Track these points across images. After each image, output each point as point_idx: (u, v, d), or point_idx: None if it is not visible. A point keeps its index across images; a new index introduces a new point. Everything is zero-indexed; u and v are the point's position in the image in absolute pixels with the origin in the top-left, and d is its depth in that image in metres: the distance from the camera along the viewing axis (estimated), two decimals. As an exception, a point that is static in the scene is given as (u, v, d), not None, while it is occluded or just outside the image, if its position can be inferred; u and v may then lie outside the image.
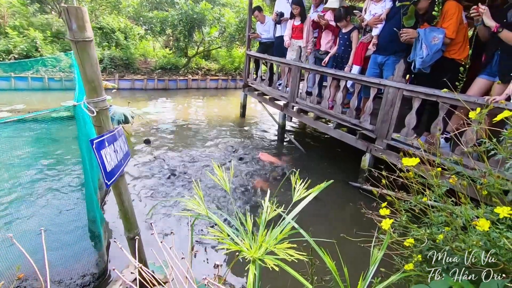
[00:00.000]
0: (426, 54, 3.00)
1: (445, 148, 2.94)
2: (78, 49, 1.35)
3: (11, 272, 1.66)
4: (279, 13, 5.44)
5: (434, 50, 2.98)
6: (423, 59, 3.04)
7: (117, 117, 4.79)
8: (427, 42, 2.99)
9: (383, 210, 1.25)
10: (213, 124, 6.67)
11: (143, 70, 10.57)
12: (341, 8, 4.24)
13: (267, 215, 0.83)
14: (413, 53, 3.21)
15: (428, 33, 3.01)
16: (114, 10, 11.61)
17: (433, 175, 1.24)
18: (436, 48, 2.97)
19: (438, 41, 2.95)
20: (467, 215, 1.15)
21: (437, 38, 2.96)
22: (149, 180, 3.88)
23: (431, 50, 2.98)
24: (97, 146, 1.37)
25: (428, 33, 3.00)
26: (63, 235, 2.21)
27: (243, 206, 3.45)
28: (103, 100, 1.50)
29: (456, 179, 1.27)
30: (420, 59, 3.07)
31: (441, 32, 2.96)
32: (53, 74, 8.69)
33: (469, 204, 1.20)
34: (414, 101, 3.16)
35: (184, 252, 2.44)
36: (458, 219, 1.20)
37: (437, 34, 2.96)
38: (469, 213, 1.16)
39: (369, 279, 0.91)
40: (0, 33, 9.35)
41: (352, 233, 1.48)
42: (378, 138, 3.58)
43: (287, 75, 5.21)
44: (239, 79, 11.59)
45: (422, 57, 3.04)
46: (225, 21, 10.74)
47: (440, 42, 2.95)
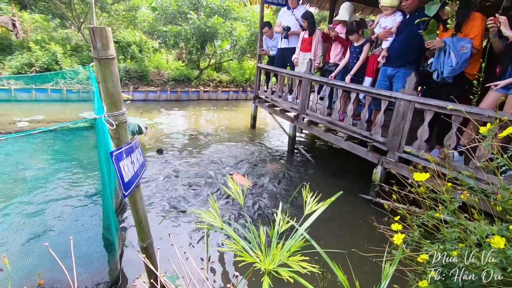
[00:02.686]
0: (455, 62, 2.98)
1: (458, 162, 2.90)
2: (101, 66, 1.44)
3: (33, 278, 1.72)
4: (286, 27, 5.48)
5: (463, 59, 2.95)
6: (452, 67, 3.00)
7: (131, 128, 4.93)
8: (455, 51, 2.96)
9: (395, 225, 1.25)
10: (224, 135, 6.75)
11: (156, 82, 10.87)
12: (354, 22, 4.30)
13: (279, 227, 0.85)
14: (436, 62, 3.18)
15: (456, 42, 2.98)
16: (130, 24, 12.09)
17: (444, 190, 1.24)
18: (466, 57, 2.94)
19: (467, 50, 2.93)
20: (481, 232, 1.14)
21: (465, 47, 2.93)
22: (162, 191, 3.95)
23: (460, 58, 2.96)
24: (116, 158, 1.43)
25: (456, 42, 2.98)
26: (79, 243, 2.27)
27: (256, 219, 3.46)
28: (122, 114, 1.58)
29: (468, 194, 1.26)
30: (449, 67, 3.02)
31: (469, 42, 2.94)
32: (71, 86, 9.04)
33: (484, 220, 1.19)
34: (426, 114, 3.14)
35: (200, 263, 2.46)
36: (472, 236, 1.18)
37: (465, 44, 2.94)
38: (483, 229, 1.15)
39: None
40: (24, 47, 9.85)
41: (363, 247, 1.47)
42: (389, 151, 3.55)
43: (298, 87, 5.27)
44: (249, 91, 11.75)
45: (451, 65, 3.00)
46: (237, 35, 11.00)
47: (468, 52, 2.92)
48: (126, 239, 2.99)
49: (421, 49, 3.42)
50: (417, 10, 3.42)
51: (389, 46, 3.73)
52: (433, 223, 1.29)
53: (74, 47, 10.46)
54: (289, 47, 5.66)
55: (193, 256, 2.66)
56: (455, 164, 2.85)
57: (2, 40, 10.05)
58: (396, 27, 3.65)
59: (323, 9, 8.73)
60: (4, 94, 8.36)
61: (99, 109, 2.47)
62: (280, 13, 6.02)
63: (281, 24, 5.60)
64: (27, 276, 1.73)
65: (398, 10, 3.72)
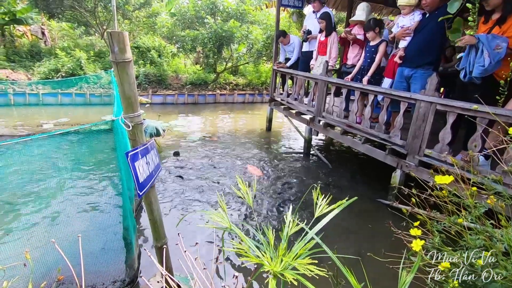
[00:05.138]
0: (488, 62, 2.70)
1: (484, 167, 2.75)
2: (118, 69, 1.48)
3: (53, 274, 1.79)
4: (307, 30, 5.55)
5: (496, 59, 2.68)
6: (485, 67, 2.72)
7: (149, 130, 5.06)
8: (489, 50, 2.69)
9: (414, 230, 1.19)
10: (240, 138, 6.78)
11: (174, 85, 11.12)
12: (371, 19, 4.21)
13: (289, 229, 0.84)
14: (465, 60, 2.92)
15: (491, 39, 2.71)
16: (150, 30, 12.48)
17: (469, 195, 1.17)
18: (499, 57, 2.67)
19: (502, 50, 2.65)
20: (509, 240, 1.07)
21: (501, 46, 2.65)
22: (177, 192, 4.01)
23: (494, 58, 2.68)
24: (132, 158, 1.47)
25: (491, 40, 2.69)
26: (98, 241, 2.34)
27: (268, 220, 3.43)
28: (139, 116, 1.62)
29: (495, 200, 1.19)
30: (481, 67, 2.75)
31: (505, 40, 2.67)
32: (94, 90, 9.44)
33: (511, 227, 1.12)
34: (449, 116, 3.01)
35: (209, 263, 2.47)
36: (499, 244, 1.11)
37: (500, 42, 2.66)
38: (511, 237, 1.08)
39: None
40: (51, 54, 10.40)
41: (380, 253, 1.42)
42: (409, 154, 3.43)
43: (314, 89, 5.22)
44: (265, 94, 11.77)
45: (483, 65, 2.73)
46: (253, 38, 11.07)
47: (503, 51, 2.65)
48: (145, 238, 3.05)
49: (440, 49, 3.27)
50: (437, 8, 3.29)
51: (406, 46, 3.62)
52: (455, 229, 1.22)
53: (97, 53, 10.92)
54: (310, 50, 5.66)
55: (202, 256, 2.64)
56: (480, 168, 2.70)
57: (32, 47, 10.67)
58: (415, 27, 3.53)
59: (340, 10, 8.64)
60: (33, 98, 8.85)
61: (118, 111, 2.55)
62: (306, 17, 6.06)
63: (306, 27, 5.64)
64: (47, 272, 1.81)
65: (418, 9, 3.60)
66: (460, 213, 1.23)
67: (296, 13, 10.24)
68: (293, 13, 10.37)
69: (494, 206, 1.20)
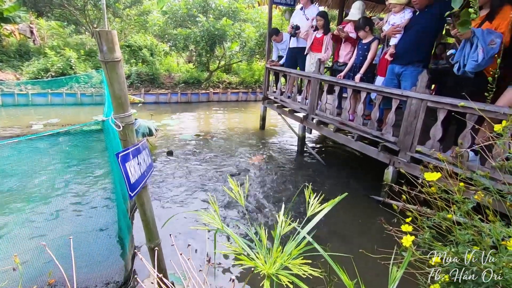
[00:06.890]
0: (482, 57, 2.69)
1: (474, 162, 2.79)
2: (107, 68, 1.46)
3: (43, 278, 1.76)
4: (295, 26, 5.50)
5: (490, 55, 2.67)
6: (478, 63, 2.71)
7: (141, 130, 5.01)
8: (484, 45, 2.68)
9: (405, 226, 1.20)
10: (233, 136, 6.77)
11: (167, 84, 11.03)
12: (360, 19, 4.24)
13: (281, 229, 0.84)
14: (460, 54, 2.90)
15: (486, 34, 2.66)
16: (142, 29, 12.32)
17: (456, 191, 1.19)
18: (493, 53, 2.65)
19: (495, 46, 2.64)
20: (497, 234, 1.09)
21: (495, 42, 2.63)
22: (169, 191, 3.98)
23: (487, 54, 2.67)
24: (122, 159, 1.45)
25: (486, 35, 2.65)
26: (91, 243, 2.31)
27: (258, 220, 3.44)
28: (129, 116, 1.60)
29: (483, 195, 1.21)
30: (474, 62, 2.74)
31: (499, 36, 2.65)
32: (85, 90, 9.30)
33: (499, 221, 1.14)
34: (439, 113, 3.05)
35: (203, 263, 2.46)
36: (487, 238, 1.13)
37: (495, 38, 2.64)
38: (499, 231, 1.10)
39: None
40: (40, 53, 10.19)
41: (372, 249, 1.43)
42: (401, 151, 3.47)
43: (307, 87, 5.23)
44: (259, 92, 11.75)
45: (476, 60, 2.72)
46: (246, 36, 11.03)
47: (497, 47, 2.64)
48: (139, 239, 3.03)
49: (430, 46, 3.31)
50: (427, 6, 3.32)
51: (396, 43, 3.65)
52: (445, 224, 1.24)
53: (88, 52, 10.75)
54: (298, 47, 5.63)
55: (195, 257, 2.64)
56: (470, 164, 2.75)
57: (20, 46, 10.44)
58: (405, 24, 3.56)
59: (332, 8, 8.65)
60: (23, 98, 8.68)
61: (109, 111, 2.52)
62: (293, 14, 6.04)
63: (292, 23, 5.62)
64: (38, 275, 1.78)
65: (408, 7, 3.63)
66: (450, 209, 1.24)
67: (289, 11, 10.21)
68: (286, 11, 10.34)
69: (482, 201, 1.22)
